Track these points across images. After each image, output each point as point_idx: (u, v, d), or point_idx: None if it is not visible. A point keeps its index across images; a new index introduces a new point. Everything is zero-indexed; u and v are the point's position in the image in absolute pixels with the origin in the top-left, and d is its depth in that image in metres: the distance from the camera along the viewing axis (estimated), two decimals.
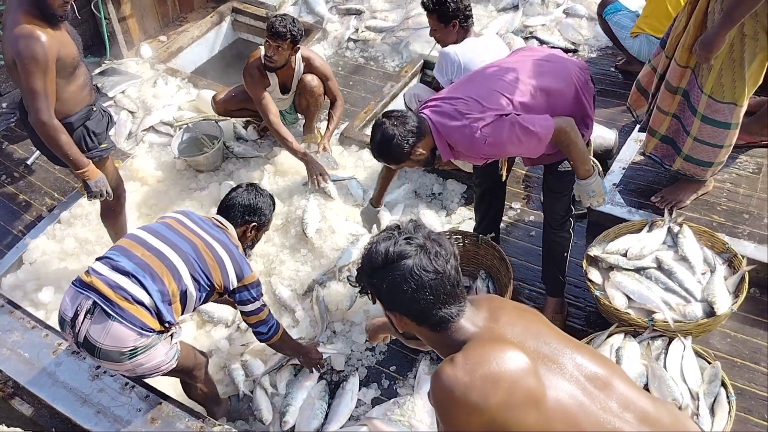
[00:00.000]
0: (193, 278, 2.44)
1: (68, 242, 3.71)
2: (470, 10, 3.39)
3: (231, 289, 2.54)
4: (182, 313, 2.48)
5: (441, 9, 3.31)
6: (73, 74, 2.90)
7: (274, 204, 2.85)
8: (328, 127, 4.08)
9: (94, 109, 3.08)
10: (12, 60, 2.73)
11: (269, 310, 2.69)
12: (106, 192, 3.08)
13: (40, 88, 2.71)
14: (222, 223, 2.64)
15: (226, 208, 2.70)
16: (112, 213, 3.37)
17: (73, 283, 2.42)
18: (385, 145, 2.46)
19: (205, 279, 2.47)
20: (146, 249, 2.45)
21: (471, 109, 2.38)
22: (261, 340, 2.73)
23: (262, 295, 2.63)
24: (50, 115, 2.78)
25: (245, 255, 2.69)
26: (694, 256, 2.89)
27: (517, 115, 2.37)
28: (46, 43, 2.67)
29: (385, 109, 4.04)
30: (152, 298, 2.35)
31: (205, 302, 2.57)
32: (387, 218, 3.53)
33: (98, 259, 2.48)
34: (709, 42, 2.72)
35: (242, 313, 2.64)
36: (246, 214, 2.69)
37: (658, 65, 3.14)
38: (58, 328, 3.16)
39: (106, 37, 4.83)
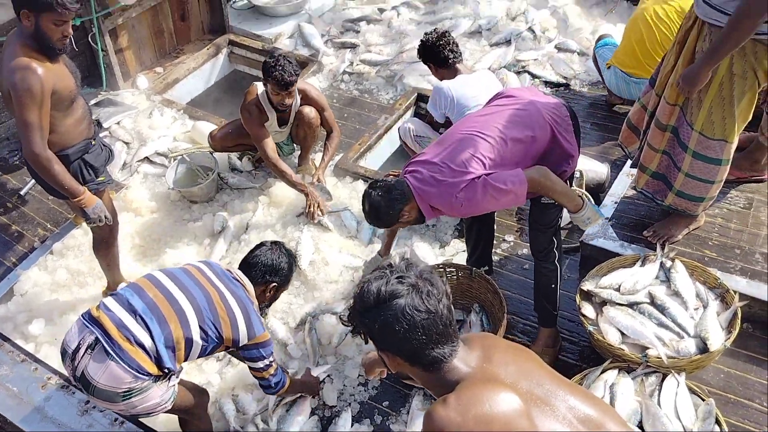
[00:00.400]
0: (201, 328, 2.41)
1: (60, 273, 3.69)
2: (458, 47, 3.69)
3: (240, 345, 2.51)
4: (185, 361, 2.45)
5: (434, 58, 3.66)
6: (71, 107, 2.92)
7: (295, 263, 2.82)
8: (323, 158, 4.10)
9: (93, 143, 3.08)
10: (8, 91, 2.75)
11: (278, 366, 2.65)
12: (105, 217, 3.07)
13: (34, 121, 2.71)
14: (241, 279, 2.60)
15: (248, 265, 2.67)
16: (105, 244, 3.36)
17: (82, 315, 2.42)
18: (375, 213, 2.64)
19: (214, 330, 2.44)
20: (159, 291, 2.43)
21: (445, 176, 2.52)
22: (266, 393, 2.72)
23: (272, 353, 2.60)
24: (43, 147, 2.78)
25: (261, 313, 2.66)
26: (687, 292, 2.90)
27: (488, 175, 2.47)
28: (42, 76, 2.69)
29: (374, 177, 3.99)
30: (154, 341, 2.33)
31: (211, 353, 2.54)
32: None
33: (111, 294, 2.49)
34: (693, 76, 2.78)
35: (250, 368, 2.62)
36: (267, 274, 2.65)
37: (648, 103, 3.19)
38: (47, 361, 3.16)
39: (102, 68, 4.87)
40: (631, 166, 3.56)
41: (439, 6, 5.83)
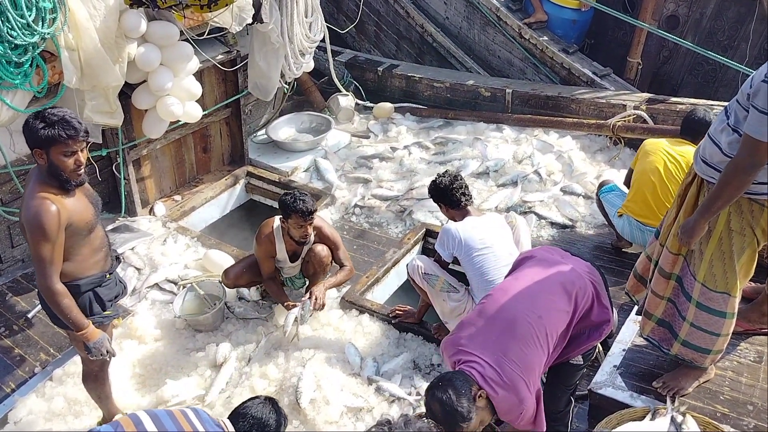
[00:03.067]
0: None
1: (57, 401, 3.62)
2: (468, 189, 3.78)
3: None
4: None
5: (447, 200, 3.76)
6: (88, 237, 2.98)
7: (285, 425, 2.73)
8: (328, 278, 4.11)
9: (108, 276, 3.13)
10: (23, 225, 2.85)
11: None
12: (107, 351, 3.06)
13: (46, 256, 2.79)
14: (227, 428, 2.54)
15: (237, 415, 2.61)
16: (93, 378, 3.32)
17: None
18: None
19: None
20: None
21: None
22: None
23: None
24: (54, 280, 2.84)
25: None
26: None
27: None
28: (55, 213, 2.76)
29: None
30: None
31: None
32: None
33: None
34: (690, 229, 2.87)
35: None
36: (254, 428, 2.58)
37: (653, 253, 3.25)
38: None
39: (123, 195, 5.06)
40: (637, 313, 3.55)
41: (449, 147, 6.11)
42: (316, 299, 3.93)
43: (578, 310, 2.70)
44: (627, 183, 4.58)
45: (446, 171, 3.85)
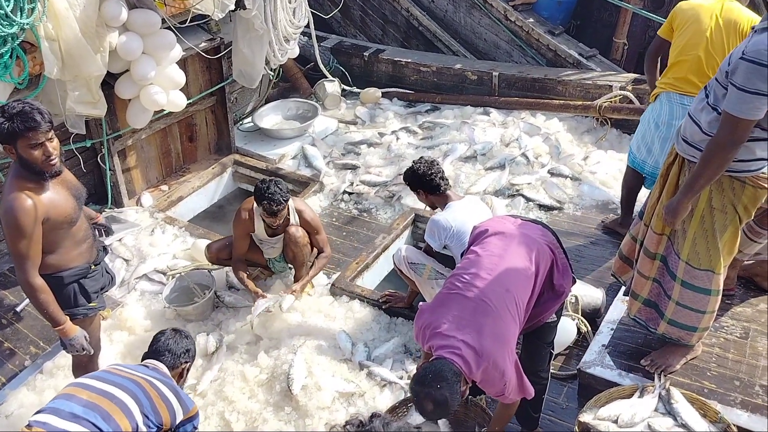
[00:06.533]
0: (144, 415, 2.46)
1: (48, 394, 3.60)
2: (439, 178, 3.68)
3: (177, 423, 2.59)
4: None
5: (426, 186, 3.70)
6: (69, 231, 2.95)
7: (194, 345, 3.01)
8: (306, 273, 4.15)
9: (94, 267, 3.11)
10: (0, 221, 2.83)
11: None
12: (83, 348, 3.06)
13: (22, 251, 2.77)
14: (157, 366, 2.74)
15: (158, 352, 2.81)
16: (84, 370, 3.31)
17: None
18: (445, 408, 2.47)
19: (154, 416, 2.49)
20: (92, 392, 2.45)
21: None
22: None
23: (199, 423, 2.78)
24: (31, 275, 2.83)
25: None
26: (696, 424, 2.85)
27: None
28: (30, 208, 2.72)
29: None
30: None
31: None
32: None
33: (39, 411, 2.42)
34: (673, 209, 2.89)
35: None
36: (180, 357, 2.82)
37: (637, 234, 3.27)
38: None
39: (109, 186, 5.02)
40: (624, 294, 3.58)
41: (436, 132, 6.10)
42: (293, 292, 4.02)
43: (539, 274, 2.72)
44: (653, 58, 4.29)
45: (421, 158, 3.78)
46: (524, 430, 3.17)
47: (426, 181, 3.67)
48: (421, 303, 2.92)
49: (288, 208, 3.99)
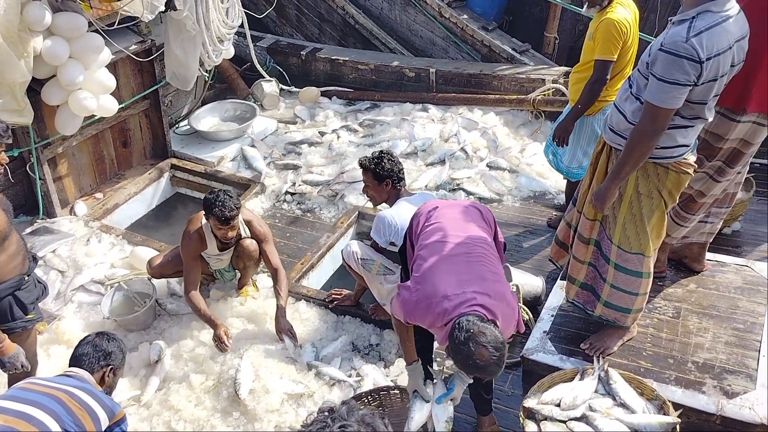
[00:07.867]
0: (65, 431, 2.36)
1: None
2: (403, 173, 3.69)
3: (103, 430, 2.51)
4: None
5: (376, 168, 3.62)
6: (2, 245, 2.86)
7: (124, 346, 2.90)
8: (279, 304, 3.90)
9: (27, 278, 3.02)
10: None
11: None
12: (22, 365, 2.95)
13: None
14: (76, 373, 2.64)
15: (76, 358, 2.72)
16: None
17: None
18: (501, 357, 2.46)
19: (77, 429, 2.39)
20: (9, 415, 2.30)
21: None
22: None
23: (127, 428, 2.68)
24: None
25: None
26: (634, 402, 2.96)
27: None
28: None
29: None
30: None
31: None
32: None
33: None
34: (601, 195, 3.01)
35: None
36: (101, 360, 2.72)
37: (571, 220, 3.38)
38: None
39: (39, 196, 4.84)
40: (560, 278, 3.69)
41: (377, 129, 6.12)
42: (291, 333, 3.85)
43: (492, 230, 3.00)
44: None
45: (380, 151, 3.74)
46: (480, 413, 3.22)
47: (396, 171, 3.65)
48: (399, 284, 2.96)
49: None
